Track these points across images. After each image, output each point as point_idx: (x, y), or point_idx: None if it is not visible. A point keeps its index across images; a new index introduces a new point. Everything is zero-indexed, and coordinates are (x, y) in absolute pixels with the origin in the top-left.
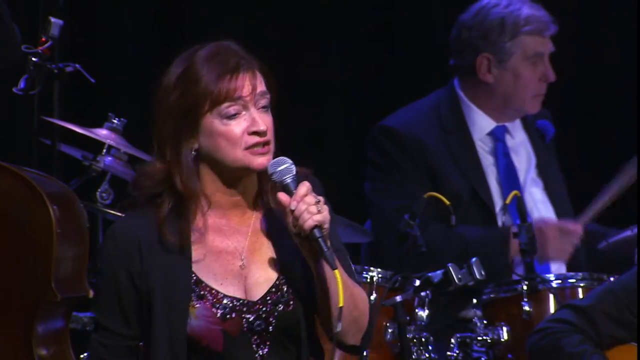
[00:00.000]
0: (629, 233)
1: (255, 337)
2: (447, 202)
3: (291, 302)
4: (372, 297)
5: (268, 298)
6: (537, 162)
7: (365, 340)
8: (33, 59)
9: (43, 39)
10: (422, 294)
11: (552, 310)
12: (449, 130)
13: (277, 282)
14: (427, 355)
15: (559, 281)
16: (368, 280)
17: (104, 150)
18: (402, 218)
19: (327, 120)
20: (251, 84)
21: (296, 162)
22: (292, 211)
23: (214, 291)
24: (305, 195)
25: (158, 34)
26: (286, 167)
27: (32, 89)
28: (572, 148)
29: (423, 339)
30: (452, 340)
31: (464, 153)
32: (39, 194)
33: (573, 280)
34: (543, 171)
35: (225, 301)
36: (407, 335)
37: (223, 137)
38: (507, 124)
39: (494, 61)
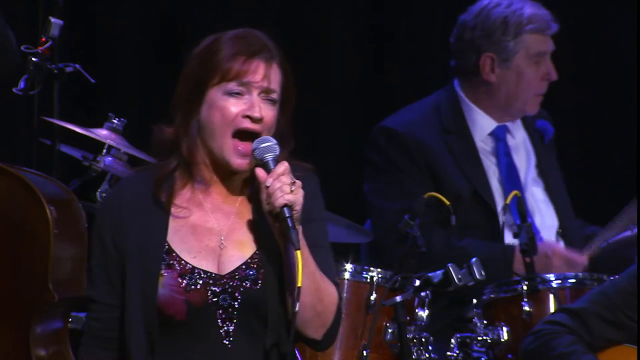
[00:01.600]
0: (628, 233)
1: (221, 312)
2: (447, 202)
3: (259, 282)
4: (372, 297)
5: (236, 274)
6: (537, 162)
7: (328, 338)
8: (33, 59)
9: (43, 39)
10: (422, 294)
11: (552, 310)
12: (449, 131)
13: (249, 261)
14: (427, 355)
15: (559, 281)
16: (368, 280)
17: (104, 151)
18: (403, 218)
19: (326, 120)
20: (265, 73)
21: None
22: (267, 187)
23: (182, 262)
24: (282, 174)
25: (158, 34)
26: (269, 145)
27: (32, 89)
28: (572, 148)
29: (423, 339)
30: (452, 341)
31: (465, 153)
32: (35, 195)
33: (573, 281)
34: (543, 171)
35: (194, 273)
36: (407, 336)
37: (219, 111)
38: (507, 124)
39: (497, 60)
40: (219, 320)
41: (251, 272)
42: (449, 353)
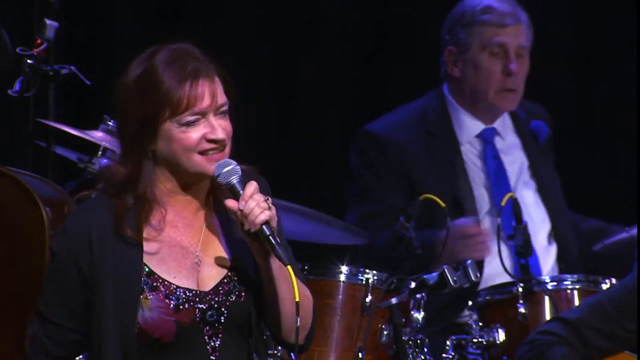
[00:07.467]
0: (624, 235)
1: (208, 328)
2: (443, 204)
3: (243, 294)
4: (368, 299)
5: (220, 288)
6: (529, 164)
7: (308, 340)
8: (28, 61)
9: (38, 41)
10: (418, 296)
11: (547, 312)
12: (433, 134)
13: (229, 274)
14: (422, 357)
15: (555, 283)
16: (363, 282)
17: (100, 152)
18: (398, 220)
19: (324, 122)
20: (211, 93)
21: (293, 164)
22: (241, 210)
23: (166, 282)
24: (254, 193)
25: (155, 35)
26: (231, 168)
27: (27, 91)
28: (572, 147)
29: (418, 341)
30: (448, 343)
31: (447, 157)
32: (31, 196)
33: (568, 283)
34: (536, 173)
35: (178, 292)
36: (403, 338)
37: (180, 143)
38: (497, 126)
39: (457, 53)
40: (206, 337)
41: (234, 286)
42: (444, 355)
